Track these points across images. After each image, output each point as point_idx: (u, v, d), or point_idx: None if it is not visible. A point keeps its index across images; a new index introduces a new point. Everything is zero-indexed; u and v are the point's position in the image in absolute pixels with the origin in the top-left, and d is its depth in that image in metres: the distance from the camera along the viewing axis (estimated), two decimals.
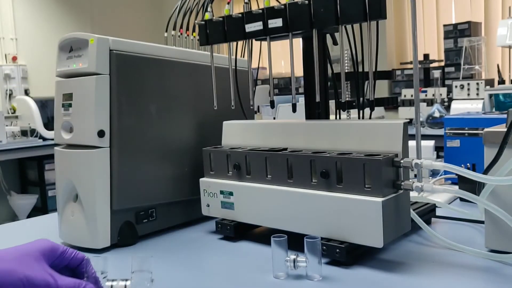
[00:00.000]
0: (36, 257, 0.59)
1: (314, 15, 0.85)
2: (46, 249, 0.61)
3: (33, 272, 0.57)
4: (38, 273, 0.57)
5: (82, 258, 0.63)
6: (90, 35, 0.95)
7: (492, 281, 0.72)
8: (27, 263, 0.58)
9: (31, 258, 0.59)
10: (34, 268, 0.58)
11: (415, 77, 0.86)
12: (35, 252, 0.59)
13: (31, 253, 0.59)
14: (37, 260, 0.59)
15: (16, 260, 0.57)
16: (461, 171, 0.74)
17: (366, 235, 0.76)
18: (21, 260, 0.58)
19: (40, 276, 0.57)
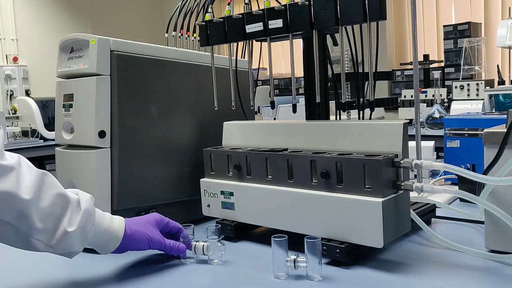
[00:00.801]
0: (152, 224, 0.85)
1: (314, 16, 0.85)
2: (157, 219, 0.86)
3: (152, 233, 0.83)
4: (155, 234, 0.84)
5: (179, 227, 0.88)
6: (91, 36, 0.95)
7: (492, 281, 0.72)
8: (148, 227, 0.84)
9: (150, 224, 0.85)
10: (152, 231, 0.84)
11: (415, 77, 0.86)
12: (151, 221, 0.85)
13: (149, 221, 0.85)
14: (153, 226, 0.85)
15: (143, 225, 0.83)
16: (461, 171, 0.74)
17: (366, 235, 0.76)
18: (144, 225, 0.84)
19: (156, 237, 0.83)
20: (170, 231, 0.88)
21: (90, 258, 0.87)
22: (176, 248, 0.85)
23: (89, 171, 0.95)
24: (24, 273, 0.88)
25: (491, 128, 0.80)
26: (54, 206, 0.72)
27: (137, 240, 0.81)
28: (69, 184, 0.99)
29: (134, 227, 0.82)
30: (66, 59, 1.01)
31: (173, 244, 0.85)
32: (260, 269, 0.80)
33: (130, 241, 0.81)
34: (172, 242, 0.85)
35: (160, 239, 0.84)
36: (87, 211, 0.75)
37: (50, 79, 2.54)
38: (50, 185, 0.72)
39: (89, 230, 0.75)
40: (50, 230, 0.71)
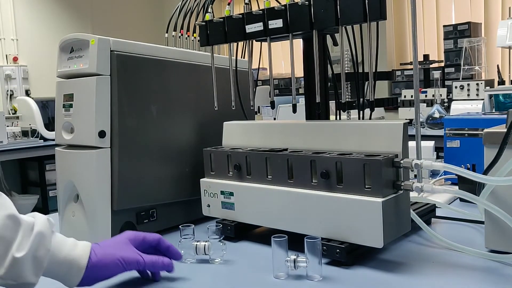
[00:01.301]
0: (126, 243, 0.76)
1: (314, 16, 0.85)
2: (131, 237, 0.78)
3: (126, 253, 0.74)
4: (130, 254, 0.75)
5: (158, 238, 0.80)
6: (91, 36, 0.95)
7: (492, 281, 0.72)
8: (121, 248, 0.75)
9: (123, 244, 0.76)
10: (126, 250, 0.75)
11: (415, 77, 0.86)
12: (124, 240, 0.77)
13: (122, 241, 0.77)
14: (127, 245, 0.76)
15: (112, 247, 0.75)
16: (461, 171, 0.74)
17: (366, 235, 0.76)
18: (116, 246, 0.75)
19: (131, 256, 0.74)
20: (151, 246, 0.80)
21: None
22: (161, 263, 0.76)
23: (89, 171, 0.95)
24: None
25: (491, 128, 0.80)
26: (3, 228, 0.62)
27: (106, 266, 0.71)
28: (69, 184, 0.99)
29: (100, 251, 0.72)
30: (66, 59, 1.01)
31: (155, 259, 0.76)
32: (260, 269, 0.80)
33: (98, 269, 0.70)
34: (153, 257, 0.76)
35: (135, 257, 0.74)
36: (40, 234, 0.65)
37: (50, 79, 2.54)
38: (0, 205, 0.63)
39: (43, 256, 0.64)
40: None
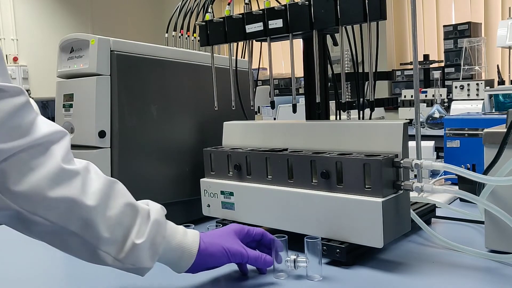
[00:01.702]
0: (231, 235, 0.77)
1: (314, 16, 0.85)
2: (237, 229, 0.78)
3: (231, 245, 0.75)
4: (235, 246, 0.75)
5: (261, 232, 0.80)
6: (91, 36, 0.95)
7: (492, 281, 0.72)
8: (226, 239, 0.76)
9: (228, 235, 0.77)
10: (231, 242, 0.75)
11: (415, 77, 0.86)
12: (230, 232, 0.77)
13: (228, 232, 0.77)
14: (232, 237, 0.77)
15: (219, 237, 0.76)
16: (461, 171, 0.74)
17: (366, 235, 0.76)
18: (222, 237, 0.76)
19: (236, 248, 0.75)
20: (254, 239, 0.80)
21: None
22: (263, 260, 0.76)
23: None
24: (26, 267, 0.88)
25: (491, 128, 0.80)
26: (123, 215, 0.65)
27: (212, 254, 0.73)
28: None
29: (208, 240, 0.74)
30: (66, 59, 1.01)
31: (258, 255, 0.76)
32: None
33: (206, 257, 0.73)
34: (257, 253, 0.76)
35: (240, 249, 0.75)
36: (157, 221, 0.69)
37: (50, 79, 2.54)
38: (118, 193, 0.67)
39: (159, 243, 0.69)
40: (118, 241, 0.65)
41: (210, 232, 0.78)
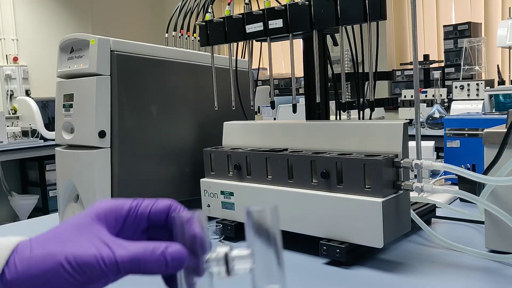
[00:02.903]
0: (86, 227, 0.43)
1: (314, 16, 0.85)
2: (103, 210, 0.44)
3: (78, 247, 0.40)
4: (86, 247, 0.40)
5: (167, 208, 0.45)
6: (91, 36, 0.95)
7: (492, 281, 0.72)
8: (72, 238, 0.41)
9: (78, 230, 0.42)
10: (80, 241, 0.41)
11: (415, 77, 0.86)
12: (85, 220, 0.43)
13: (79, 223, 0.43)
14: (88, 229, 0.42)
15: (55, 239, 0.41)
16: (461, 171, 0.74)
17: (366, 235, 0.76)
18: (62, 236, 0.42)
19: (88, 251, 0.40)
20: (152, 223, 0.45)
21: None
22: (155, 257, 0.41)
23: (89, 171, 0.95)
24: None
25: (491, 128, 0.80)
26: None
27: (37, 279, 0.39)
28: (69, 184, 0.99)
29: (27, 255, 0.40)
30: (66, 59, 1.02)
31: (140, 252, 0.41)
32: None
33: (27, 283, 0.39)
34: (137, 248, 0.41)
35: (100, 251, 0.40)
36: None
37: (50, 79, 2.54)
38: None
39: None
40: None
41: (49, 232, 0.43)
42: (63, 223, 0.44)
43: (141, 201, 0.46)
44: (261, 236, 0.45)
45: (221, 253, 0.43)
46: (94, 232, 0.42)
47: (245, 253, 0.44)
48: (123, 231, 0.45)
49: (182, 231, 0.43)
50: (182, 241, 0.42)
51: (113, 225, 0.44)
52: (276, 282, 0.43)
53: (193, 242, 0.43)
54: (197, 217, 0.44)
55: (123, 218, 0.45)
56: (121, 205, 0.45)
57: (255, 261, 0.44)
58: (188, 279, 0.43)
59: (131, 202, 0.46)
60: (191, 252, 0.42)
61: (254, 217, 0.46)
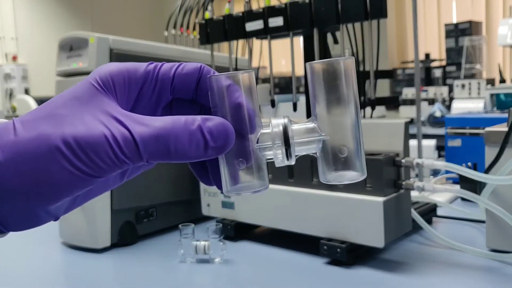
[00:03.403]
0: (88, 99, 0.31)
1: (314, 14, 0.85)
2: (110, 75, 0.32)
3: (80, 126, 0.29)
4: (91, 125, 0.29)
5: (196, 71, 0.33)
6: (90, 34, 0.95)
7: (493, 280, 0.71)
8: (70, 115, 0.30)
9: (78, 103, 0.30)
10: (82, 118, 0.29)
11: (416, 76, 0.86)
12: (87, 91, 0.31)
13: (79, 95, 0.31)
14: (90, 102, 0.30)
15: (48, 117, 0.30)
16: (462, 170, 0.74)
17: (367, 235, 0.76)
18: (57, 113, 0.30)
19: (94, 130, 0.29)
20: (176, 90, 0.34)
21: (87, 257, 0.87)
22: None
23: None
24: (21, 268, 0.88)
25: (493, 127, 0.80)
26: None
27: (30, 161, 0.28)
28: None
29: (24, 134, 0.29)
30: (65, 57, 1.01)
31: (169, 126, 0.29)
32: (260, 269, 0.80)
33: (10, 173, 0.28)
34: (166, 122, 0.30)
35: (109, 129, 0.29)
36: None
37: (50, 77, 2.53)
38: None
39: None
40: None
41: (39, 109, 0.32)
42: (58, 96, 0.32)
43: (161, 64, 0.33)
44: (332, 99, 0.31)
45: (278, 127, 0.31)
46: (100, 106, 0.30)
47: (311, 126, 0.32)
48: (138, 105, 0.33)
49: (222, 100, 0.31)
50: (222, 113, 0.31)
51: (125, 96, 0.32)
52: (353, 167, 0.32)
53: (239, 116, 0.31)
54: (244, 79, 0.31)
55: (138, 86, 0.32)
56: (135, 68, 0.33)
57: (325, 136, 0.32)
58: (231, 165, 0.32)
59: (147, 64, 0.33)
60: (235, 130, 0.31)
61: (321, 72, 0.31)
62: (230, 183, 0.32)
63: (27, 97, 4.14)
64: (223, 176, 0.32)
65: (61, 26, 5.55)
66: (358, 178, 0.33)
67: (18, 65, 5.15)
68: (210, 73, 0.33)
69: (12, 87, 5.05)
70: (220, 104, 0.31)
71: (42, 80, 5.15)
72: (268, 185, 0.34)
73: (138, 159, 0.29)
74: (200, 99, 0.34)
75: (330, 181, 0.33)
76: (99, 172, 0.29)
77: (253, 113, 0.32)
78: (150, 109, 0.34)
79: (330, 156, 0.33)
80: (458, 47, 3.84)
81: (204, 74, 0.33)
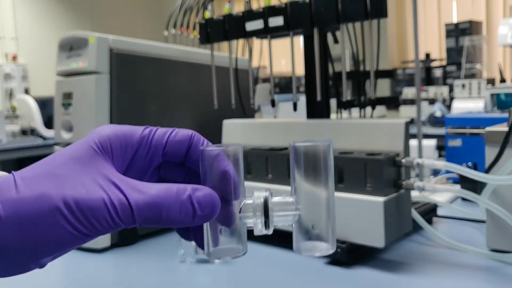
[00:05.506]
0: (86, 161, 0.33)
1: (315, 13, 0.85)
2: (108, 139, 0.35)
3: (80, 188, 0.31)
4: (90, 188, 0.31)
5: (188, 138, 0.36)
6: (90, 34, 0.94)
7: (493, 280, 0.71)
8: (70, 176, 0.31)
9: (78, 164, 0.32)
10: (82, 180, 0.31)
11: (416, 76, 0.86)
12: (85, 152, 0.33)
13: (78, 156, 0.33)
14: (89, 164, 0.32)
15: (49, 177, 0.31)
16: (462, 170, 0.74)
17: (367, 235, 0.75)
18: (58, 173, 0.31)
19: (94, 194, 0.31)
20: (167, 156, 0.37)
21: (87, 257, 0.87)
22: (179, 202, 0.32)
23: None
24: None
25: (493, 127, 0.80)
26: None
27: (33, 221, 0.30)
28: None
29: (26, 192, 0.30)
30: (65, 57, 1.01)
31: (162, 194, 0.32)
32: (260, 268, 0.79)
33: (12, 231, 0.29)
34: (158, 190, 0.32)
35: (107, 193, 0.31)
36: None
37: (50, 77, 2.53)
38: None
39: None
40: None
41: (38, 165, 0.33)
42: (57, 155, 0.33)
43: (155, 129, 0.36)
44: (309, 178, 0.35)
45: (260, 199, 0.35)
46: (99, 169, 0.32)
47: (289, 200, 0.36)
48: (132, 167, 0.35)
49: (211, 168, 0.34)
50: (210, 181, 0.34)
51: (120, 159, 0.34)
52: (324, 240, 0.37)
53: (225, 183, 0.34)
54: (231, 151, 0.35)
55: (133, 150, 0.35)
56: (131, 132, 0.35)
57: (300, 211, 0.36)
58: (213, 230, 0.35)
59: (142, 129, 0.36)
60: (221, 197, 0.34)
61: (302, 153, 0.35)
62: (212, 245, 0.35)
63: (27, 97, 4.14)
64: (206, 238, 0.35)
65: (61, 26, 5.55)
66: (328, 251, 0.38)
67: (18, 65, 5.15)
68: (200, 141, 0.37)
69: (12, 87, 5.05)
70: (209, 173, 0.34)
71: (42, 80, 5.15)
72: (247, 250, 0.37)
73: (132, 223, 0.32)
74: (188, 163, 0.37)
75: (301, 251, 0.38)
76: (94, 233, 0.31)
77: (238, 183, 0.35)
78: (142, 170, 0.37)
79: (303, 229, 0.37)
80: (458, 47, 3.84)
81: (195, 142, 0.37)
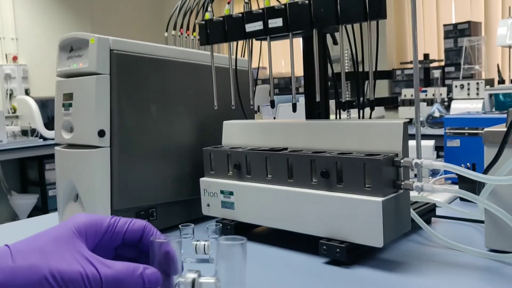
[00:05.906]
0: (67, 241, 0.44)
1: (314, 15, 0.85)
2: (84, 225, 0.46)
3: (63, 262, 0.42)
4: (71, 263, 0.42)
5: (142, 228, 0.49)
6: (91, 35, 0.95)
7: (492, 280, 0.72)
8: (55, 252, 0.42)
9: (61, 243, 0.44)
10: (64, 256, 0.42)
11: (415, 76, 0.86)
12: (66, 234, 0.45)
13: (61, 236, 0.44)
14: (70, 244, 0.44)
15: (39, 251, 0.42)
16: (461, 170, 0.74)
17: (366, 235, 0.76)
18: (46, 249, 0.43)
19: (73, 268, 0.42)
20: (126, 241, 0.50)
21: None
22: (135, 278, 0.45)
23: (88, 170, 0.95)
24: None
25: (491, 127, 0.80)
26: None
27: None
28: (69, 184, 0.99)
29: (16, 263, 0.41)
30: (65, 58, 1.01)
31: (123, 271, 0.44)
32: (260, 268, 0.80)
33: None
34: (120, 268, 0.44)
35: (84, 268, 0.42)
36: None
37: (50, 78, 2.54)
38: None
39: None
40: None
41: (26, 240, 0.45)
42: (43, 234, 0.46)
43: (118, 219, 0.50)
44: (228, 266, 0.50)
45: (190, 278, 0.49)
46: (77, 248, 0.44)
47: (211, 281, 0.50)
48: (98, 246, 0.48)
49: (159, 253, 0.48)
50: (158, 262, 0.48)
51: (91, 241, 0.47)
52: None
53: (167, 263, 0.48)
54: (172, 240, 0.49)
55: (101, 234, 0.48)
56: (101, 221, 0.49)
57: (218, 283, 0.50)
58: None
59: (109, 219, 0.50)
60: (164, 273, 0.48)
61: (224, 249, 0.50)
62: None
63: (27, 97, 4.15)
64: None
65: (61, 26, 5.55)
66: None
67: (18, 65, 5.15)
68: (151, 230, 0.51)
69: (12, 87, 5.05)
70: (157, 256, 0.48)
71: (42, 80, 5.15)
72: None
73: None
74: (140, 246, 0.50)
75: None
76: None
77: (177, 261, 0.48)
78: (105, 248, 0.49)
79: None
80: (457, 48, 3.84)
81: (147, 230, 0.50)
